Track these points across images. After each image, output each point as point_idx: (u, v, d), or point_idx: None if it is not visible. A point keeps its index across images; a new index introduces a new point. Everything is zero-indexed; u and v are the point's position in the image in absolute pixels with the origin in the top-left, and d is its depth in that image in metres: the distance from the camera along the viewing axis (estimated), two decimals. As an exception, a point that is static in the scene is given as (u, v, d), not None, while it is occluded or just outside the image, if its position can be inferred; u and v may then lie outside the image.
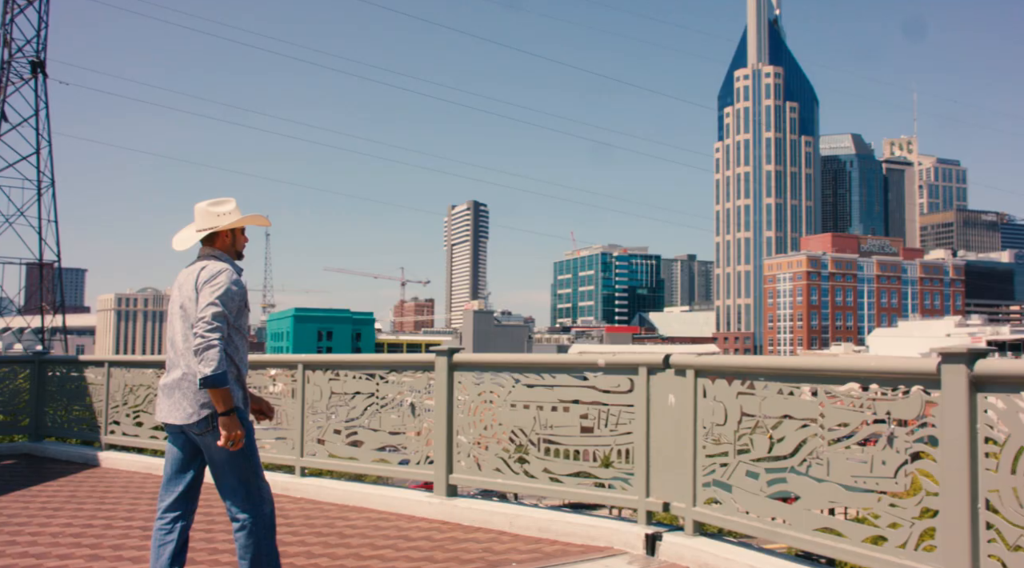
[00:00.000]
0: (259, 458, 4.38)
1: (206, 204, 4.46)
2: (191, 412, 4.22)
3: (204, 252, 4.44)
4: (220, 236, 4.47)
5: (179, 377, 4.27)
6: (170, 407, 4.29)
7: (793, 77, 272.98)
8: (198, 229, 4.45)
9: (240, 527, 4.28)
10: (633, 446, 6.17)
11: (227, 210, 4.46)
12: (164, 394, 4.34)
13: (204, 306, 4.11)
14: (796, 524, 5.02)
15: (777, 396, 5.23)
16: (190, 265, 4.44)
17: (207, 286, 4.19)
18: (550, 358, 7.09)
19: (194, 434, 4.27)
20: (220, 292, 4.17)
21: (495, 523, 6.78)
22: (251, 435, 4.34)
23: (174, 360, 4.34)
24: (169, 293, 40.16)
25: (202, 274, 4.26)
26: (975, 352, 4.16)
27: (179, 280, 4.42)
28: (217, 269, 4.26)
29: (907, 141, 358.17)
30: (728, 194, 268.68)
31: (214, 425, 4.19)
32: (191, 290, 4.27)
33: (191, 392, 4.21)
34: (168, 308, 4.51)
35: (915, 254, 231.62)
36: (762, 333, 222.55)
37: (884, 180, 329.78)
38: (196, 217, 4.48)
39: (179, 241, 4.50)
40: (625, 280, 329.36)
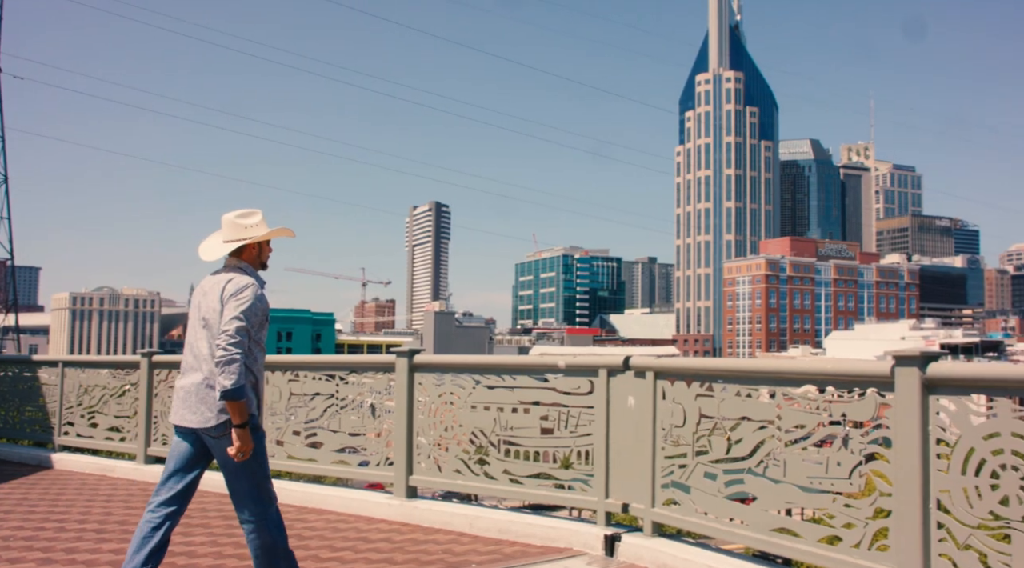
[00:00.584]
0: (266, 457, 4.49)
1: (234, 216, 4.56)
2: (210, 416, 4.31)
3: (231, 263, 4.54)
4: (247, 248, 4.57)
5: (199, 381, 4.36)
6: (187, 410, 4.37)
7: (753, 82, 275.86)
8: (225, 240, 4.54)
9: (253, 528, 4.38)
10: (593, 447, 6.20)
11: (255, 222, 4.56)
12: (181, 397, 4.42)
13: (228, 319, 4.23)
14: (753, 525, 5.08)
15: (735, 398, 5.29)
16: (216, 274, 4.53)
17: (232, 299, 4.30)
18: (511, 360, 7.10)
19: (210, 438, 4.35)
20: (245, 307, 4.28)
21: (455, 524, 6.77)
22: (262, 439, 4.43)
23: (194, 365, 4.42)
24: (126, 292, 39.26)
25: (228, 287, 4.36)
26: (928, 355, 4.24)
27: (204, 287, 4.52)
28: (243, 283, 4.37)
29: (864, 147, 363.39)
30: (689, 197, 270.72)
31: (226, 430, 4.29)
32: (216, 301, 4.37)
33: (210, 397, 4.31)
34: (190, 312, 4.61)
35: (871, 258, 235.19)
36: (721, 335, 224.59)
37: (842, 185, 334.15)
38: (223, 228, 4.57)
39: (206, 251, 4.58)
40: (586, 282, 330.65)
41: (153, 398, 9.70)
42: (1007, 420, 3.92)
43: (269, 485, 4.47)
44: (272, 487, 4.50)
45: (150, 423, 9.70)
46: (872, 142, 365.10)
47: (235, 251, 4.55)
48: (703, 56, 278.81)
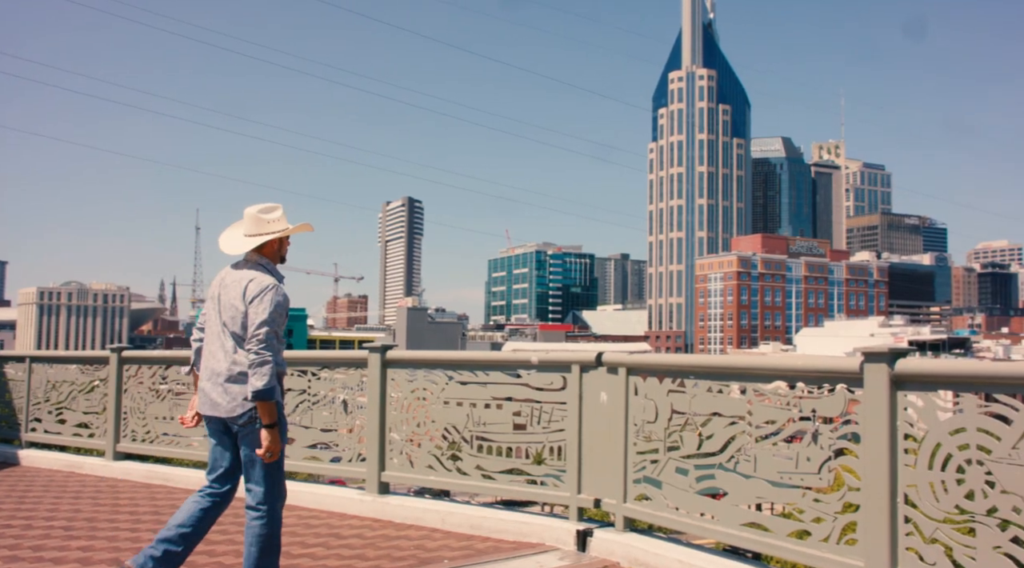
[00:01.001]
0: (284, 456, 4.59)
1: (256, 210, 4.63)
2: (235, 406, 4.41)
3: (252, 258, 4.62)
4: (269, 242, 4.65)
5: (222, 372, 4.46)
6: (213, 399, 4.48)
7: (726, 80, 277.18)
8: (248, 234, 4.61)
9: (257, 517, 4.48)
10: (565, 443, 6.22)
11: (276, 217, 4.66)
12: (207, 388, 4.52)
13: (257, 324, 4.32)
14: (724, 519, 5.12)
15: (707, 394, 5.32)
16: (237, 267, 4.62)
17: (257, 303, 4.39)
18: (484, 355, 7.11)
19: (237, 426, 4.46)
20: (270, 309, 4.37)
21: (427, 520, 6.77)
22: (285, 433, 4.53)
23: (218, 356, 4.50)
24: (95, 287, 38.98)
25: (250, 287, 4.44)
26: (896, 352, 4.29)
27: (225, 280, 4.59)
28: (265, 284, 4.45)
29: (835, 145, 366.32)
30: (661, 194, 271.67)
31: (255, 418, 4.38)
32: (239, 300, 4.44)
33: (233, 388, 4.42)
34: (207, 300, 4.69)
35: (841, 256, 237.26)
36: (693, 332, 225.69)
37: (812, 183, 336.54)
38: (246, 222, 4.64)
39: (229, 245, 4.65)
40: (559, 278, 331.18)
41: (123, 394, 9.62)
42: (972, 416, 3.98)
43: (283, 480, 4.60)
44: (285, 484, 4.63)
45: (119, 419, 9.61)
46: (843, 140, 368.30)
47: (255, 247, 4.61)
48: (676, 54, 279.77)
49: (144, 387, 9.47)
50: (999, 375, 4.01)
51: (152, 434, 9.35)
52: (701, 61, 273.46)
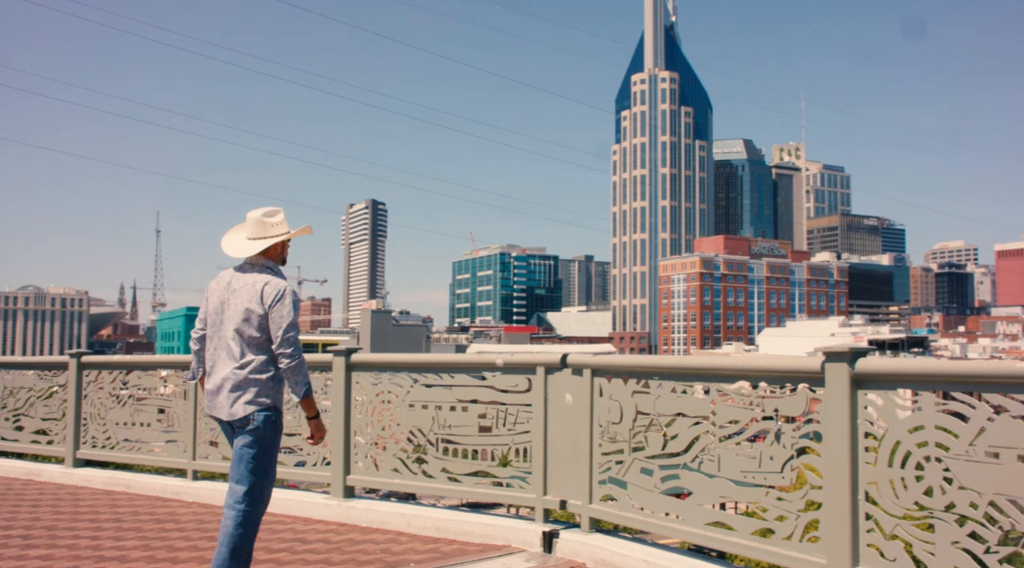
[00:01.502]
0: (276, 462, 4.67)
1: (260, 214, 4.74)
2: (237, 407, 4.51)
3: (256, 260, 4.72)
4: (275, 245, 4.77)
5: (228, 375, 4.55)
6: (221, 402, 4.57)
7: (688, 83, 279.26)
8: (251, 238, 4.71)
9: (235, 515, 4.47)
10: (531, 445, 6.23)
11: (280, 220, 4.78)
12: (214, 391, 4.61)
13: (285, 327, 4.50)
14: (688, 519, 5.16)
15: (671, 395, 5.36)
16: (242, 271, 4.70)
17: (279, 306, 4.54)
18: (449, 358, 7.10)
19: (238, 426, 4.54)
20: (292, 312, 4.55)
21: (393, 524, 6.75)
22: (278, 438, 4.65)
23: (225, 359, 4.59)
24: (52, 291, 38.62)
25: (267, 290, 4.56)
26: (857, 351, 4.35)
27: (232, 284, 4.66)
28: (281, 288, 4.59)
29: (795, 147, 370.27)
30: (625, 196, 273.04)
31: (255, 422, 4.50)
32: (255, 304, 4.53)
33: (239, 390, 4.51)
34: (209, 304, 4.75)
35: (802, 256, 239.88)
36: (657, 333, 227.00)
37: (774, 184, 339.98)
38: (249, 225, 4.75)
39: (233, 248, 4.73)
40: (523, 280, 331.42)
41: (83, 400, 9.48)
42: (931, 413, 4.04)
43: (268, 486, 4.62)
44: (270, 491, 4.64)
45: (79, 425, 9.48)
46: (803, 142, 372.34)
47: (261, 250, 4.70)
48: (639, 56, 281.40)
49: (105, 393, 9.35)
50: (956, 374, 4.07)
51: (113, 440, 9.23)
52: (663, 64, 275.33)
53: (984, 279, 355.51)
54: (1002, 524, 3.76)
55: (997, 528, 3.76)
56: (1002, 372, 3.86)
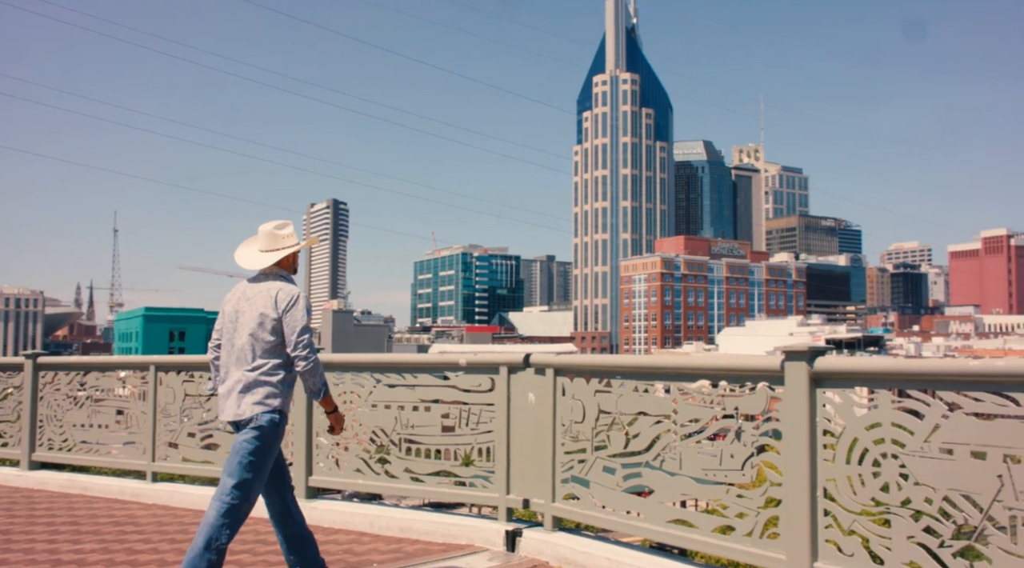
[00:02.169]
0: (270, 466, 4.73)
1: (272, 227, 4.97)
2: (244, 409, 4.66)
3: (270, 271, 4.92)
4: (288, 256, 4.99)
5: (240, 379, 4.71)
6: (232, 406, 4.72)
7: (649, 84, 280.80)
8: (263, 250, 4.94)
9: (220, 505, 4.55)
10: (494, 444, 6.25)
11: (289, 232, 5.00)
12: (225, 395, 4.77)
13: (299, 331, 4.68)
14: (650, 517, 5.20)
15: (633, 394, 5.40)
16: (259, 282, 4.89)
17: (293, 311, 4.72)
18: (412, 358, 7.09)
19: (242, 425, 4.67)
20: (305, 316, 4.74)
21: (356, 524, 6.73)
22: (278, 442, 4.74)
23: (236, 364, 4.76)
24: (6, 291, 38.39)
25: (280, 296, 4.75)
26: (815, 350, 4.42)
27: (247, 293, 4.85)
28: (294, 294, 4.77)
29: (754, 149, 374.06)
30: (586, 196, 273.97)
31: (259, 421, 4.62)
32: (270, 309, 4.72)
33: (248, 394, 4.66)
34: (226, 317, 4.91)
35: (761, 257, 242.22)
36: (618, 332, 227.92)
37: (733, 185, 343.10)
38: (261, 238, 4.98)
39: (247, 260, 4.95)
40: (485, 280, 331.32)
41: (39, 401, 9.34)
42: (887, 411, 4.12)
43: (258, 487, 4.68)
44: (258, 493, 4.71)
45: (35, 427, 9.33)
46: (762, 144, 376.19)
47: (274, 262, 4.91)
48: (600, 57, 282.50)
49: (61, 394, 9.22)
50: (911, 371, 4.15)
51: (70, 442, 9.10)
52: (624, 65, 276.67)
53: (938, 279, 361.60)
54: (956, 519, 3.84)
55: (951, 522, 3.85)
56: (956, 370, 3.95)
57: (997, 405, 3.73)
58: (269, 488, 4.85)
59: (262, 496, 4.81)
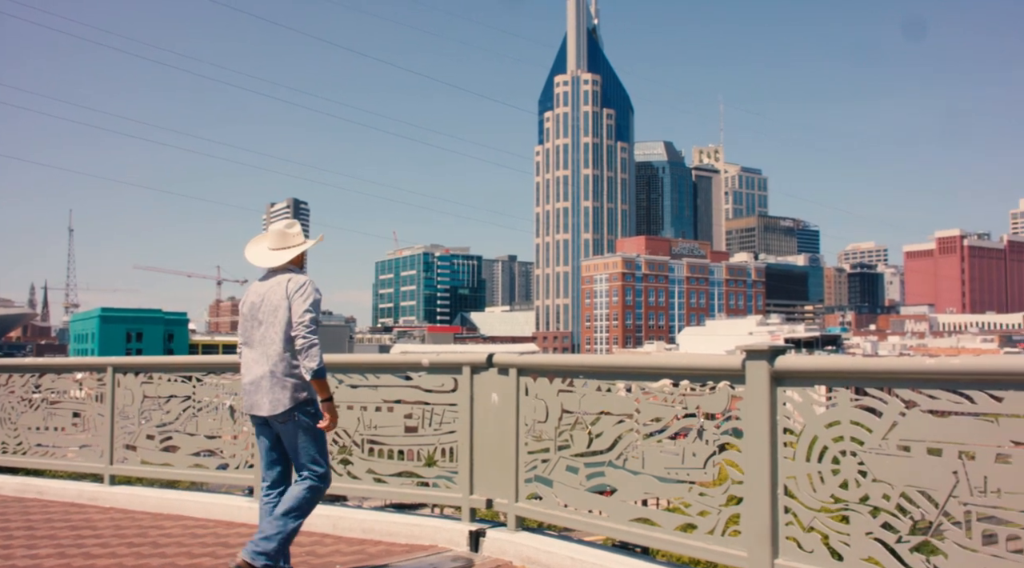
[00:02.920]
0: (326, 442, 5.10)
1: (283, 226, 5.20)
2: (276, 405, 4.88)
3: (281, 268, 5.12)
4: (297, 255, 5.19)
5: (265, 373, 4.92)
6: (258, 400, 4.94)
7: (610, 85, 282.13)
8: (273, 248, 5.16)
9: (304, 480, 4.95)
10: (457, 445, 6.24)
11: (298, 231, 5.23)
12: (250, 390, 4.99)
13: (301, 313, 4.85)
14: (613, 516, 5.23)
15: (596, 393, 5.43)
16: (270, 278, 5.09)
17: (299, 295, 4.91)
18: (374, 358, 7.06)
19: (277, 423, 4.93)
20: (311, 300, 4.91)
21: (318, 525, 6.69)
22: (317, 421, 4.97)
23: (259, 359, 4.97)
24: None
25: (291, 284, 4.96)
26: (776, 349, 4.47)
27: (260, 291, 5.07)
28: (304, 281, 4.99)
29: (715, 149, 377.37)
30: (548, 197, 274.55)
31: (294, 415, 4.88)
32: (281, 298, 4.93)
33: (277, 388, 4.88)
34: (242, 314, 5.14)
35: (721, 257, 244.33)
36: (580, 332, 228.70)
37: (693, 186, 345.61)
38: (270, 237, 5.19)
39: (258, 259, 5.17)
40: (447, 280, 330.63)
41: (-9, 404, 9.16)
42: (846, 409, 4.18)
43: (328, 463, 5.06)
44: (329, 470, 5.07)
45: (-12, 430, 9.15)
46: (722, 145, 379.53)
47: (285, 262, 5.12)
48: (561, 58, 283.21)
49: (16, 397, 9.06)
50: (870, 370, 4.22)
51: (25, 445, 8.94)
52: (586, 66, 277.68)
53: (894, 279, 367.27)
54: (913, 514, 3.90)
55: (908, 518, 3.91)
56: (912, 368, 4.01)
57: (952, 402, 3.81)
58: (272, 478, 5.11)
59: (262, 484, 5.12)
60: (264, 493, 5.13)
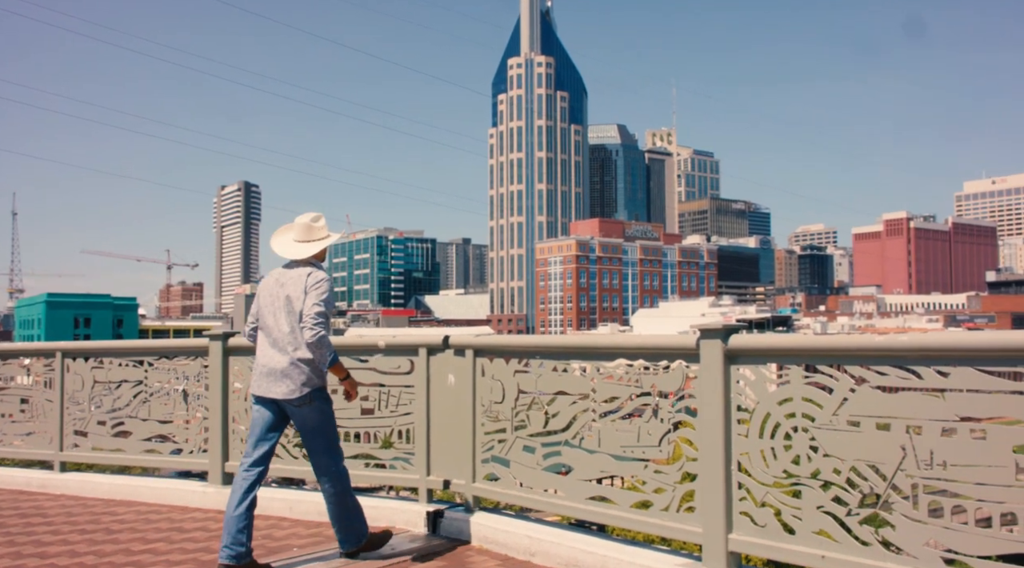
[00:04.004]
0: (336, 427, 5.39)
1: (309, 219, 5.40)
2: (293, 389, 5.09)
3: (302, 260, 5.32)
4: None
5: (284, 359, 5.12)
6: (271, 384, 5.14)
7: (564, 67, 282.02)
8: (298, 240, 5.37)
9: (328, 477, 5.24)
10: (414, 426, 6.24)
11: (323, 224, 5.45)
12: (264, 373, 5.18)
13: (311, 306, 5.07)
14: (570, 494, 5.27)
15: (552, 373, 5.46)
16: (292, 268, 5.30)
17: (314, 290, 5.13)
18: (330, 340, 7.01)
19: (292, 407, 5.15)
20: (325, 296, 5.13)
21: (275, 509, 6.66)
22: (331, 407, 5.32)
23: (277, 345, 5.17)
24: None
25: (310, 279, 5.18)
26: (729, 328, 4.53)
27: (280, 279, 5.28)
28: (321, 277, 5.21)
29: (667, 133, 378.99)
30: (502, 179, 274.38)
31: (311, 400, 5.13)
32: (300, 291, 5.15)
33: (295, 373, 5.10)
34: (262, 301, 5.34)
35: (674, 239, 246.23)
36: (534, 315, 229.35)
37: (647, 169, 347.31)
38: (296, 228, 5.40)
39: (283, 249, 5.38)
40: (401, 263, 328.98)
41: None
42: (798, 386, 4.26)
43: (340, 444, 5.38)
44: (341, 447, 5.40)
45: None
46: (674, 128, 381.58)
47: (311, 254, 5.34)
48: (515, 40, 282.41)
49: (-40, 383, 8.86)
50: (821, 347, 4.30)
51: (-30, 433, 8.75)
52: (539, 48, 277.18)
53: (842, 260, 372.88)
54: (862, 488, 3.99)
55: (858, 492, 4.00)
56: (862, 345, 4.10)
57: (901, 378, 3.89)
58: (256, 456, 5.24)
59: (241, 462, 5.26)
60: (245, 469, 5.21)
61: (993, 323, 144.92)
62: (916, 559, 3.77)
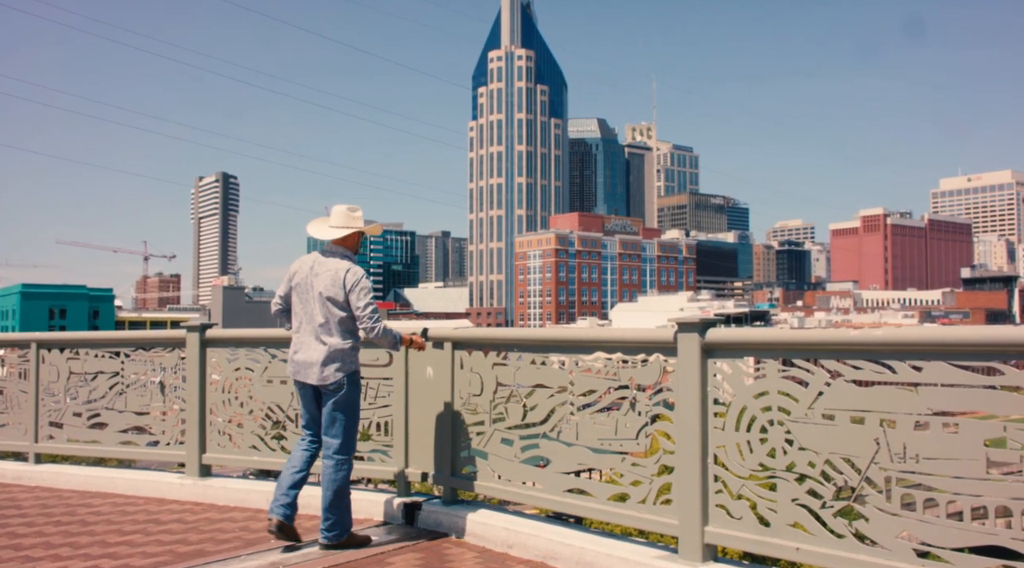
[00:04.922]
0: (359, 419, 5.60)
1: (345, 208, 5.58)
2: (327, 375, 5.32)
3: (336, 249, 5.52)
4: (353, 235, 5.59)
5: (319, 347, 5.33)
6: (308, 370, 5.37)
7: (544, 61, 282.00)
8: (333, 225, 5.53)
9: (334, 463, 5.37)
10: (392, 419, 6.24)
11: (359, 215, 5.63)
12: (301, 360, 5.41)
13: (364, 306, 5.31)
14: (548, 487, 5.29)
15: (531, 366, 5.48)
16: (326, 257, 5.48)
17: (358, 290, 5.34)
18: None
19: (328, 390, 5.35)
20: (369, 291, 5.39)
21: (252, 501, 6.65)
22: (359, 396, 5.53)
23: (314, 333, 5.37)
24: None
25: (348, 277, 5.35)
26: (707, 322, 4.56)
27: (314, 268, 5.44)
28: (360, 273, 5.40)
29: (647, 127, 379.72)
30: (482, 172, 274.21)
31: (342, 385, 5.34)
32: (338, 288, 5.33)
33: (329, 361, 5.32)
34: (295, 283, 5.51)
35: (653, 234, 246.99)
36: (513, 308, 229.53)
37: (626, 163, 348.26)
38: (334, 215, 5.57)
39: (318, 231, 5.55)
40: (380, 256, 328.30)
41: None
42: (774, 379, 4.29)
43: (356, 437, 5.52)
44: (357, 441, 5.55)
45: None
46: (654, 123, 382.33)
47: (341, 237, 5.51)
48: (495, 33, 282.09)
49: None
50: (797, 342, 4.33)
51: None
52: (520, 41, 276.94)
53: (820, 256, 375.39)
54: (836, 481, 4.03)
55: (832, 485, 4.04)
56: (838, 340, 4.14)
57: (875, 372, 3.93)
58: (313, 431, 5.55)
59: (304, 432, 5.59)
60: (308, 439, 5.57)
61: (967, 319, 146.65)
62: (889, 551, 3.82)
